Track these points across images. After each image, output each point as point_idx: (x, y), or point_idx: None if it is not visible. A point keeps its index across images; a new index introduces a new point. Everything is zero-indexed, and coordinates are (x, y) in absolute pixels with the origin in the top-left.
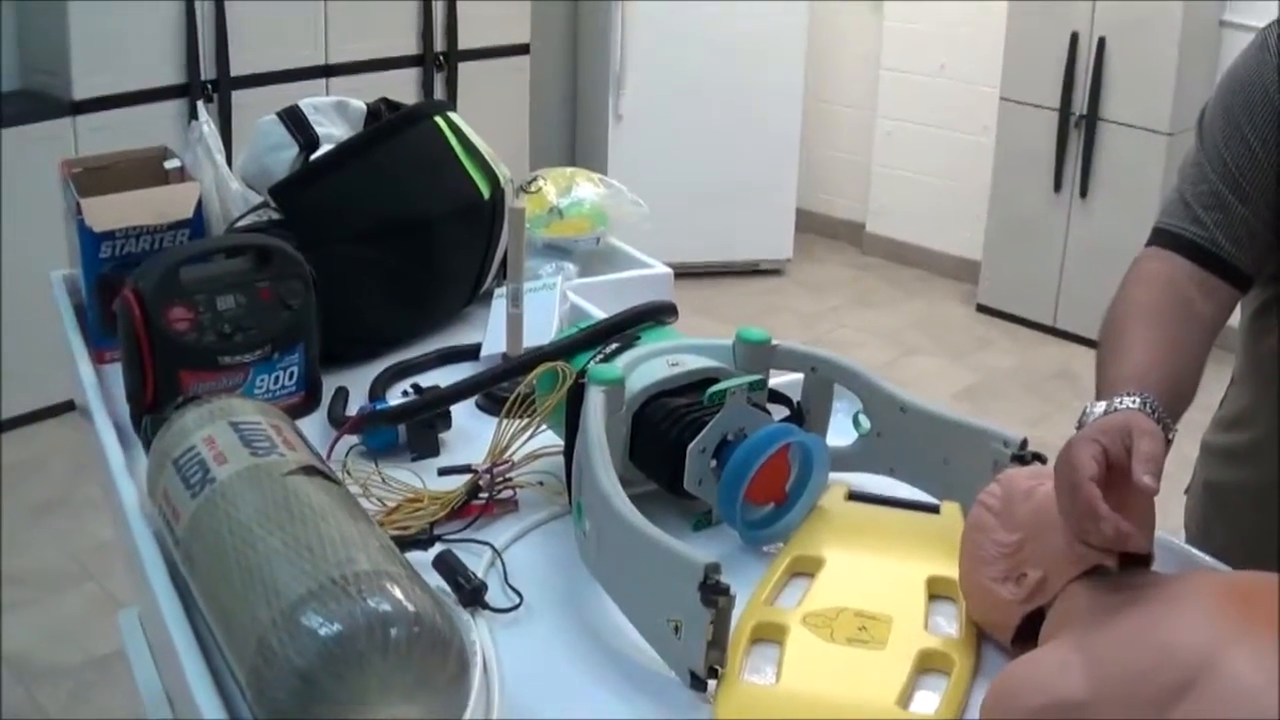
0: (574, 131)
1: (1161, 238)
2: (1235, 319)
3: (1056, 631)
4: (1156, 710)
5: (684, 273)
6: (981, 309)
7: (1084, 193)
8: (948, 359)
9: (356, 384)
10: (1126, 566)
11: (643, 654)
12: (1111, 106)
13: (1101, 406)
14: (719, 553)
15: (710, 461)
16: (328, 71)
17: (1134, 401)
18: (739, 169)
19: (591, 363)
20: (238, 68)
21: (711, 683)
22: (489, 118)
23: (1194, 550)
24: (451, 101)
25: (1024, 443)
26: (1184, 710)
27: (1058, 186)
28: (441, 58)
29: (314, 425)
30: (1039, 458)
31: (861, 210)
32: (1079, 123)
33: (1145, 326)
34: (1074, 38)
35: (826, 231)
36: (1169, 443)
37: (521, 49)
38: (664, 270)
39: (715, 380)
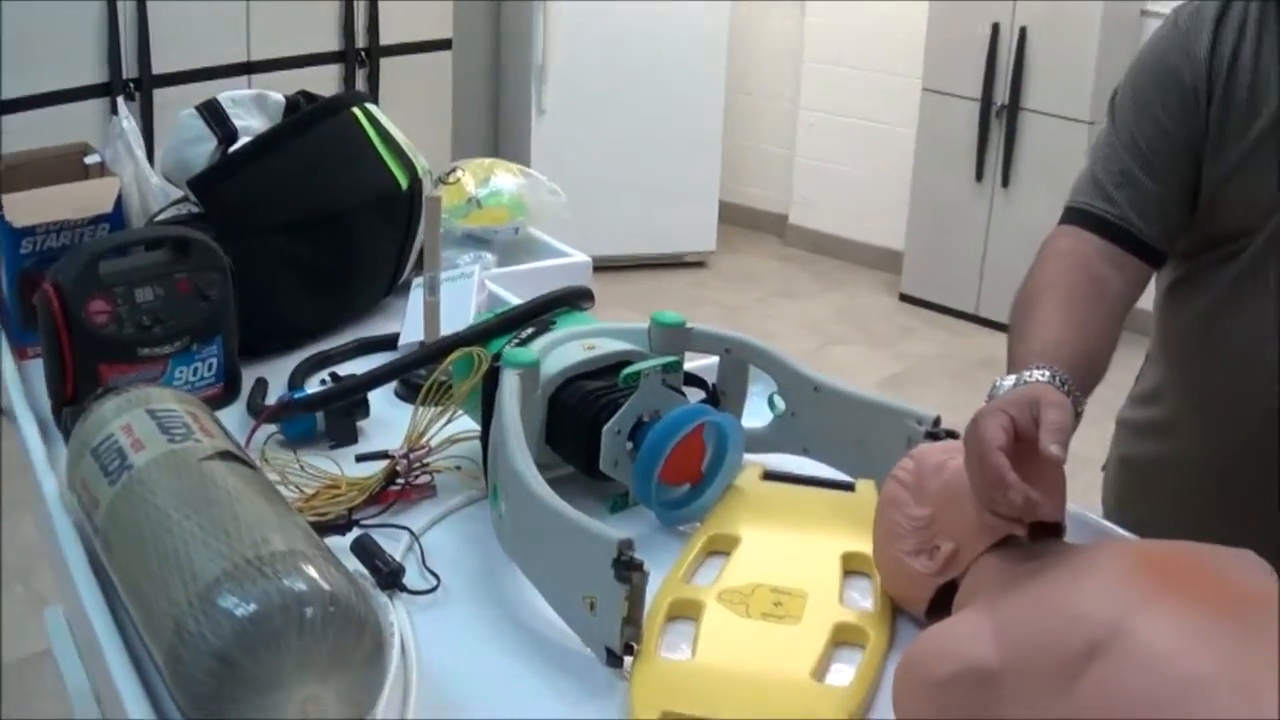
0: (497, 126)
1: (1073, 216)
2: (1151, 297)
3: (969, 602)
4: (1067, 676)
5: (608, 265)
6: (904, 298)
7: (1005, 182)
8: (871, 348)
9: (276, 375)
10: (1038, 537)
11: (559, 632)
12: (1033, 96)
13: (1011, 380)
14: (636, 533)
15: (626, 443)
16: (250, 69)
17: (1043, 375)
18: (662, 162)
19: (507, 347)
20: (160, 66)
21: (627, 659)
22: (411, 113)
23: (1110, 524)
24: (373, 97)
25: (937, 420)
26: (1094, 675)
27: (979, 176)
28: (363, 54)
29: (234, 416)
30: (952, 434)
31: (784, 202)
32: (1000, 113)
33: (1056, 303)
34: (995, 29)
35: (750, 223)
36: (1078, 415)
37: (444, 44)
38: (583, 259)
39: (631, 363)
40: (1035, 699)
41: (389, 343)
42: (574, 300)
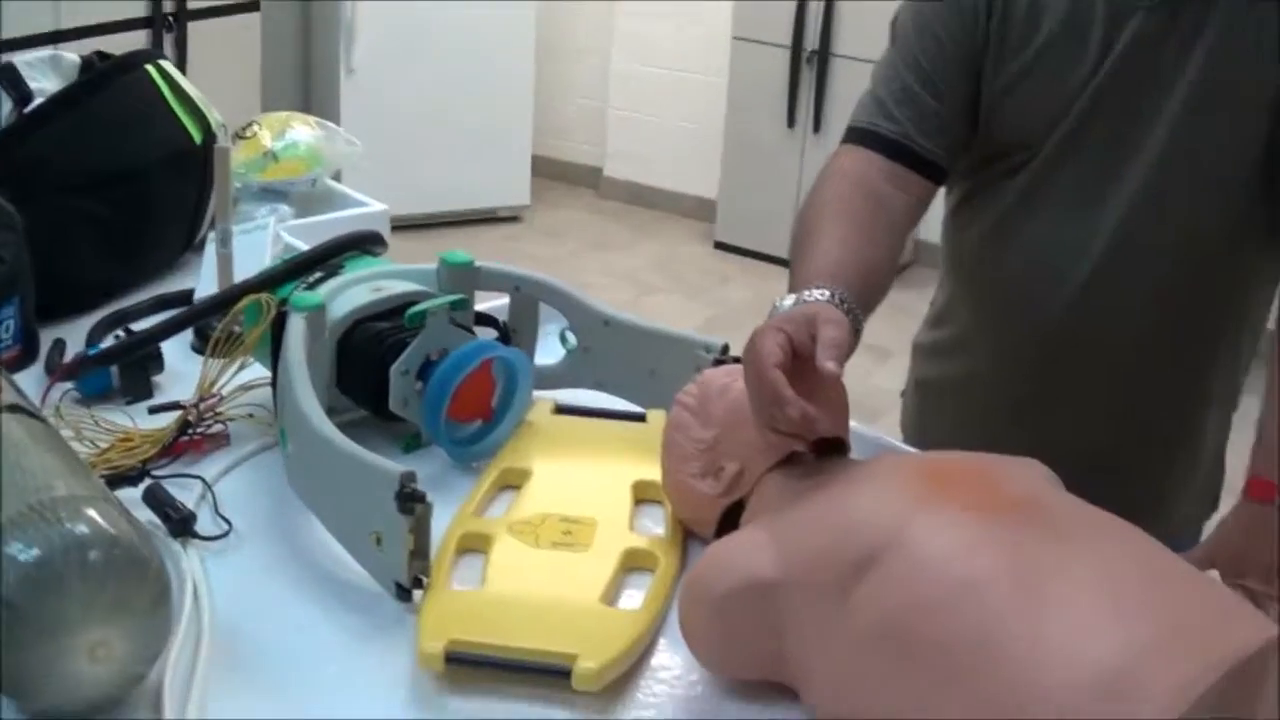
0: (307, 86)
1: (855, 135)
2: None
3: (753, 520)
4: (845, 585)
5: (421, 223)
6: (719, 246)
7: (817, 127)
8: (686, 296)
9: (74, 335)
10: (823, 454)
11: (351, 571)
12: (843, 42)
13: (790, 300)
14: (430, 472)
15: (415, 383)
16: (58, 38)
17: (822, 294)
18: (473, 117)
19: (294, 292)
20: None
21: (417, 593)
22: (220, 76)
23: (906, 446)
24: (181, 62)
25: (725, 347)
26: (871, 583)
27: (791, 122)
28: (171, 18)
29: (33, 377)
30: (739, 360)
31: (599, 155)
32: (811, 59)
33: (837, 223)
34: None
35: (564, 177)
36: (858, 334)
37: (252, 6)
38: (380, 208)
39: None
40: (816, 609)
41: (185, 298)
42: (364, 244)
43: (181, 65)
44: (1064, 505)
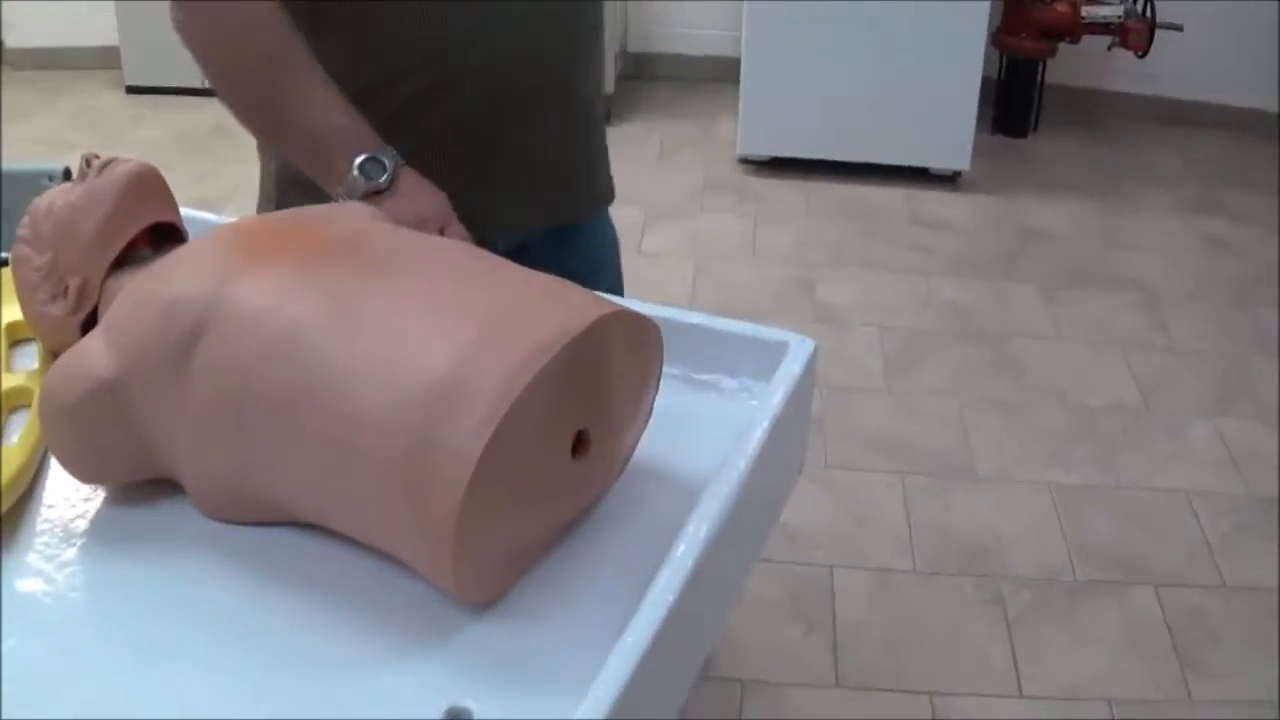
0: None
1: None
2: None
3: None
4: (180, 361)
5: None
6: (131, 90)
7: None
8: (103, 145)
9: None
10: (161, 247)
11: None
12: None
13: (361, 161)
14: None
15: None
16: None
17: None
18: None
19: None
20: None
21: None
22: None
23: None
24: None
25: (66, 172)
26: (201, 354)
27: None
28: None
29: None
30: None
31: None
32: None
33: (304, 72)
34: None
35: None
36: None
37: None
38: None
39: None
40: (161, 394)
41: None
42: None
43: None
44: (384, 237)
